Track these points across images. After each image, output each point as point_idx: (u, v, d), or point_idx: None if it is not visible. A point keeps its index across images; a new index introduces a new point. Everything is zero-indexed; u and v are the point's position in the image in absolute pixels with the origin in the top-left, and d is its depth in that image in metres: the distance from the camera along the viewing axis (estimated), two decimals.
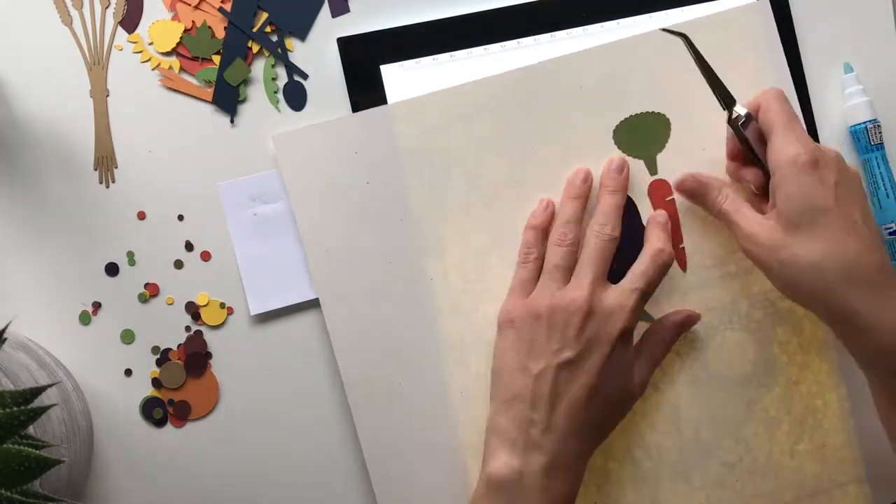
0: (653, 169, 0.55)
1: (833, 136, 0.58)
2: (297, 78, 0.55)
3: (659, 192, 0.55)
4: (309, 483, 0.55)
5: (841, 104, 0.58)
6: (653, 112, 0.55)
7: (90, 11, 0.55)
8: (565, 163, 0.55)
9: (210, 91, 0.55)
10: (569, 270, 0.51)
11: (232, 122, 0.55)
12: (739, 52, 0.56)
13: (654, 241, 0.52)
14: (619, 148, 0.55)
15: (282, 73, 0.55)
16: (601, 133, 0.55)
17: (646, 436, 0.55)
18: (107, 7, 0.55)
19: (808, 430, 0.56)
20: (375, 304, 0.54)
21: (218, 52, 0.55)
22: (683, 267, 0.55)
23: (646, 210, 0.55)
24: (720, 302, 0.55)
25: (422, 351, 0.54)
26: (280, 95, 0.55)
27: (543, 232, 0.53)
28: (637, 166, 0.55)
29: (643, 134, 0.55)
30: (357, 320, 0.54)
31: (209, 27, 0.55)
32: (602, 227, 0.51)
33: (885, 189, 0.56)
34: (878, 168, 0.56)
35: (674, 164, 0.55)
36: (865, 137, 0.56)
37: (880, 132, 0.56)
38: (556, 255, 0.51)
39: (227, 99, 0.55)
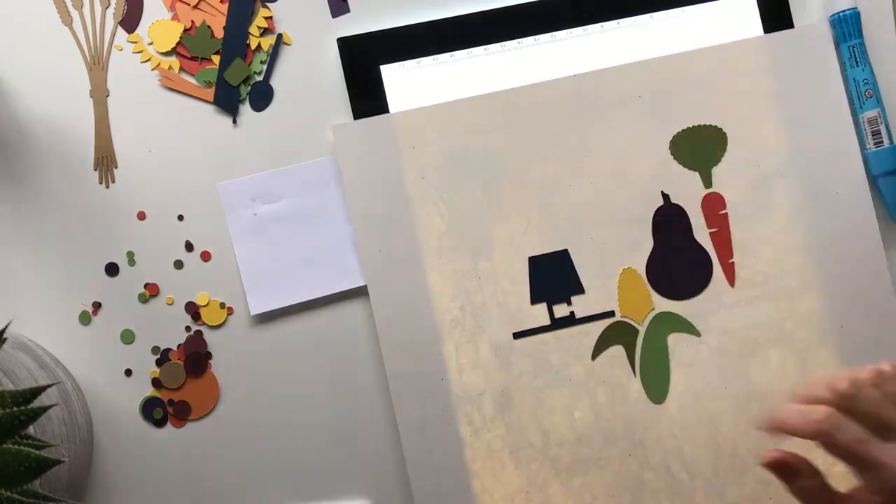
0: (708, 182, 0.56)
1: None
2: (270, 81, 0.55)
3: (712, 205, 0.56)
4: (309, 482, 0.55)
5: None
6: (710, 125, 0.56)
7: (90, 11, 0.55)
8: (621, 170, 0.55)
9: (210, 91, 0.55)
10: None
11: (234, 122, 0.55)
12: (794, 74, 0.56)
13: None
14: (675, 159, 0.56)
15: (277, 71, 0.56)
16: (657, 143, 0.56)
17: (683, 448, 0.55)
18: (107, 7, 0.55)
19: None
20: (422, 297, 0.54)
21: (217, 52, 0.55)
22: (732, 282, 0.56)
23: (698, 223, 0.56)
24: (766, 319, 0.55)
25: (466, 349, 0.54)
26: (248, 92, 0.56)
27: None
28: (692, 178, 0.56)
29: (700, 146, 0.56)
30: (403, 313, 0.54)
31: (208, 27, 0.55)
32: None
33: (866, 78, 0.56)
34: (856, 56, 0.56)
35: (729, 177, 0.56)
36: (848, 26, 0.56)
37: (860, 21, 0.56)
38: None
39: (229, 99, 0.55)
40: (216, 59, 0.55)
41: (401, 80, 0.55)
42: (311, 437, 0.55)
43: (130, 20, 0.55)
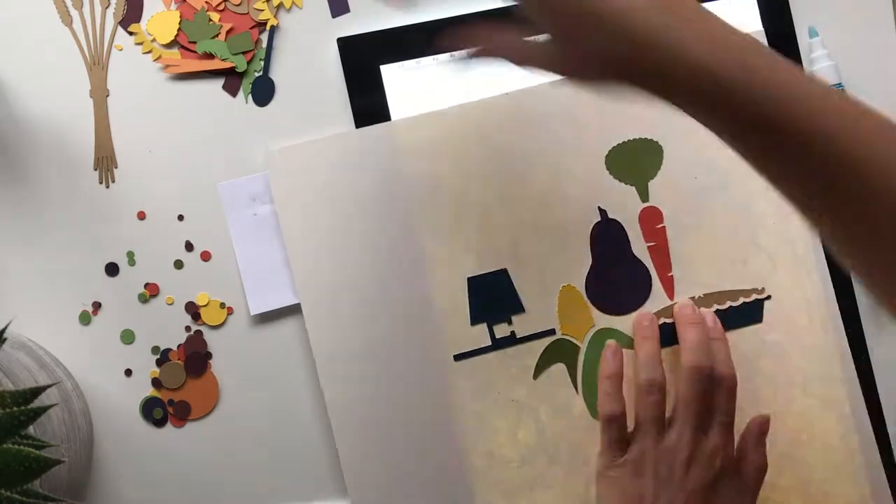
0: (644, 196, 0.55)
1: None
2: (269, 74, 0.55)
3: (650, 219, 0.55)
4: (309, 483, 0.55)
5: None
6: (646, 138, 0.55)
7: (90, 11, 0.55)
8: (557, 187, 0.55)
9: (213, 62, 0.55)
10: (662, 418, 0.51)
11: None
12: None
13: (718, 367, 0.52)
14: (610, 173, 0.55)
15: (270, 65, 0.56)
16: (593, 158, 0.55)
17: None
18: (107, 7, 0.55)
19: (791, 464, 0.55)
20: (361, 320, 0.53)
21: (216, 36, 0.55)
22: (671, 296, 0.55)
23: (636, 237, 0.55)
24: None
25: (406, 371, 0.54)
26: (250, 86, 0.56)
27: (620, 379, 0.53)
28: (629, 193, 0.55)
29: (635, 160, 0.55)
30: (341, 336, 0.53)
31: (208, 12, 0.55)
32: (698, 367, 0.51)
33: None
34: None
35: (665, 191, 0.55)
36: None
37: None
38: (649, 407, 0.51)
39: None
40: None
41: (401, 80, 0.55)
42: (311, 438, 0.55)
43: (130, 20, 0.55)
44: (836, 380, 0.55)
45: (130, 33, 0.55)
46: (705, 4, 0.56)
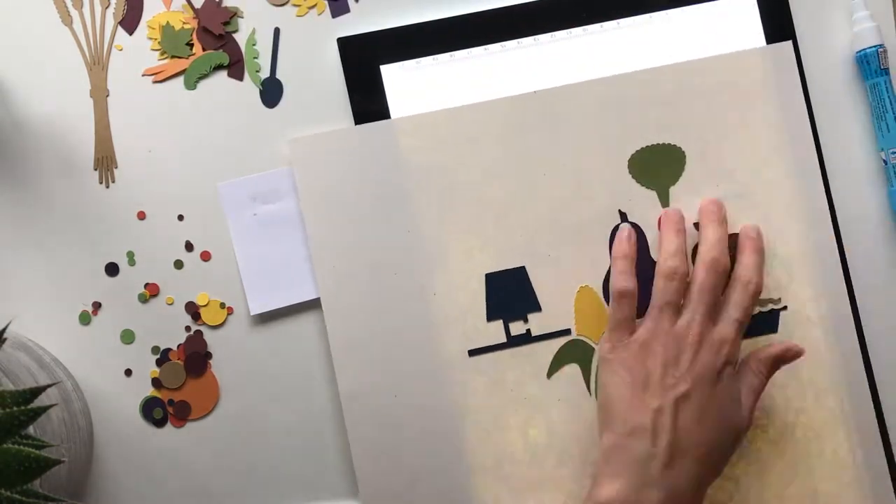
0: (665, 201, 0.55)
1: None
2: (277, 76, 0.56)
3: None
4: (309, 483, 0.55)
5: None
6: (669, 144, 0.55)
7: (90, 11, 0.55)
8: (577, 189, 0.55)
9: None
10: (677, 305, 0.51)
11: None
12: (757, 94, 0.55)
13: (744, 271, 0.52)
14: (632, 177, 0.55)
15: (265, 64, 0.56)
16: (615, 161, 0.55)
17: None
18: (107, 7, 0.55)
19: (800, 475, 0.54)
20: (378, 313, 0.54)
21: (189, 44, 0.55)
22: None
23: (655, 242, 0.55)
24: None
25: (421, 365, 0.54)
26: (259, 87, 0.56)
27: (633, 260, 0.53)
28: (649, 197, 0.55)
29: (657, 165, 0.55)
30: (358, 328, 0.54)
31: (171, 25, 0.55)
32: (715, 259, 0.51)
33: (892, 113, 0.56)
34: (886, 93, 0.56)
35: (686, 197, 0.55)
36: (876, 62, 0.56)
37: (887, 57, 0.56)
38: (667, 292, 0.51)
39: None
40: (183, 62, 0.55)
41: (401, 80, 0.55)
42: (311, 438, 0.55)
43: (130, 20, 0.55)
44: (848, 394, 0.55)
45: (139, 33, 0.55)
46: (703, 4, 0.57)
